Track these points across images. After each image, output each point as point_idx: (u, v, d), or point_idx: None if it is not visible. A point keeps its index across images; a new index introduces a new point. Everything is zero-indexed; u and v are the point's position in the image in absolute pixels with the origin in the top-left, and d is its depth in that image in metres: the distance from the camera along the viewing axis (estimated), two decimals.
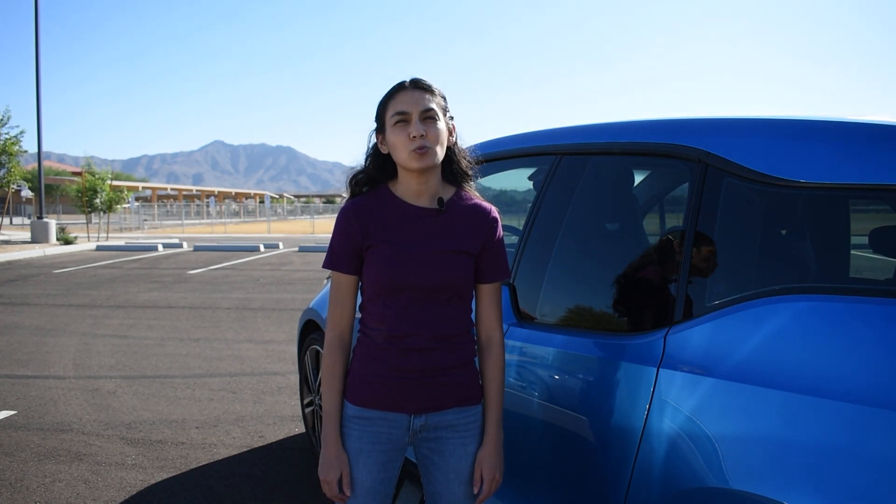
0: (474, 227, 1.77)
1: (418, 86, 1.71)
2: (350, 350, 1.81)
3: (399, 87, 1.71)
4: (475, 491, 1.79)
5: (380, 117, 1.74)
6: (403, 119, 1.68)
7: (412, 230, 1.73)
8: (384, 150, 1.75)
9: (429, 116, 1.68)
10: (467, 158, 1.83)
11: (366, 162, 1.81)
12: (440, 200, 1.76)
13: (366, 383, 1.74)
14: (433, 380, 1.73)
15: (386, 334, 1.73)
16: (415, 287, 1.70)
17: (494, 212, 1.82)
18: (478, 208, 1.80)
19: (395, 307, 1.71)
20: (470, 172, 1.83)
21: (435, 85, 1.74)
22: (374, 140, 1.78)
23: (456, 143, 1.81)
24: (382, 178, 1.79)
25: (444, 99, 1.75)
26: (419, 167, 1.68)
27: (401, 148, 1.68)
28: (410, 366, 1.72)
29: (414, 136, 1.66)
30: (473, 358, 1.82)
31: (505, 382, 2.13)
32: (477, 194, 1.85)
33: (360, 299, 1.82)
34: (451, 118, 1.78)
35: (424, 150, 1.66)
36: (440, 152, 1.70)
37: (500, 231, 1.82)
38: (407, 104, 1.68)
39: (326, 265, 1.77)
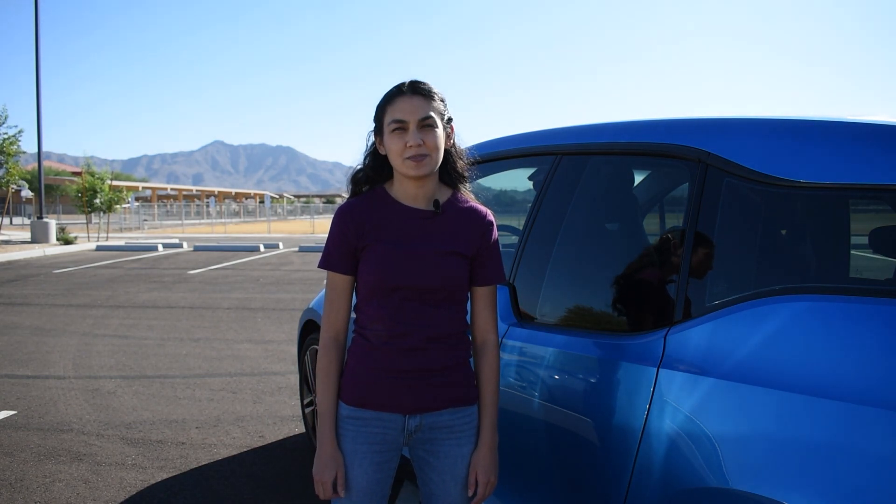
0: (469, 230, 1.78)
1: (417, 91, 1.70)
2: (345, 350, 1.81)
3: (397, 92, 1.70)
4: (469, 494, 1.79)
5: (378, 120, 1.74)
6: (401, 127, 1.67)
7: (408, 231, 1.73)
8: (382, 152, 1.75)
9: (427, 124, 1.68)
10: (463, 160, 1.83)
11: (364, 161, 1.81)
12: (436, 202, 1.76)
13: (360, 383, 1.74)
14: (427, 380, 1.73)
15: (380, 334, 1.73)
16: (409, 287, 1.70)
17: (490, 215, 1.83)
18: (473, 211, 1.81)
19: (390, 307, 1.72)
20: (466, 174, 1.84)
21: (434, 88, 1.73)
22: (372, 140, 1.79)
23: (454, 144, 1.81)
24: (380, 178, 1.80)
25: (443, 102, 1.75)
26: (415, 175, 1.68)
27: (397, 155, 1.68)
28: (405, 366, 1.72)
29: (410, 146, 1.66)
30: (468, 359, 1.82)
31: (505, 382, 2.14)
32: (472, 196, 1.85)
33: (355, 300, 1.82)
34: (450, 120, 1.77)
35: (421, 159, 1.66)
36: (437, 158, 1.71)
37: (496, 234, 1.83)
38: (405, 112, 1.67)
39: (322, 265, 1.77)
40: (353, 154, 1.85)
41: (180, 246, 21.03)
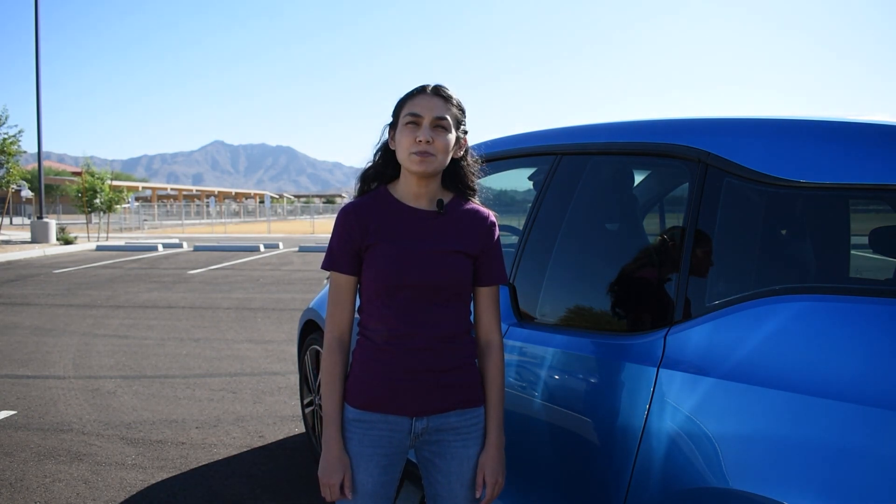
0: (472, 230, 1.79)
1: (438, 93, 1.73)
2: (349, 352, 1.80)
3: (420, 90, 1.74)
4: (477, 495, 1.79)
5: (396, 114, 1.76)
6: (414, 121, 1.69)
7: (411, 231, 1.74)
8: (393, 147, 1.76)
9: (440, 125, 1.70)
10: (476, 175, 1.85)
11: (374, 155, 1.82)
12: (440, 202, 1.77)
13: (366, 386, 1.74)
14: (433, 381, 1.73)
15: (385, 335, 1.72)
16: (413, 286, 1.70)
17: (492, 216, 1.84)
18: (476, 212, 1.82)
19: (394, 307, 1.71)
20: (476, 189, 1.85)
21: (455, 96, 1.76)
22: (386, 135, 1.80)
23: (465, 157, 1.82)
24: (385, 175, 1.80)
25: (462, 112, 1.77)
26: (417, 171, 1.69)
27: (405, 148, 1.70)
28: (410, 367, 1.71)
29: (419, 140, 1.67)
30: (474, 359, 1.82)
31: (505, 383, 2.14)
32: (477, 201, 1.86)
33: (359, 301, 1.82)
34: (465, 132, 1.79)
35: (425, 156, 1.68)
36: (442, 161, 1.72)
37: (498, 235, 1.84)
38: (422, 108, 1.70)
39: (325, 266, 1.77)
40: (353, 154, 1.87)
41: (180, 246, 21.02)
